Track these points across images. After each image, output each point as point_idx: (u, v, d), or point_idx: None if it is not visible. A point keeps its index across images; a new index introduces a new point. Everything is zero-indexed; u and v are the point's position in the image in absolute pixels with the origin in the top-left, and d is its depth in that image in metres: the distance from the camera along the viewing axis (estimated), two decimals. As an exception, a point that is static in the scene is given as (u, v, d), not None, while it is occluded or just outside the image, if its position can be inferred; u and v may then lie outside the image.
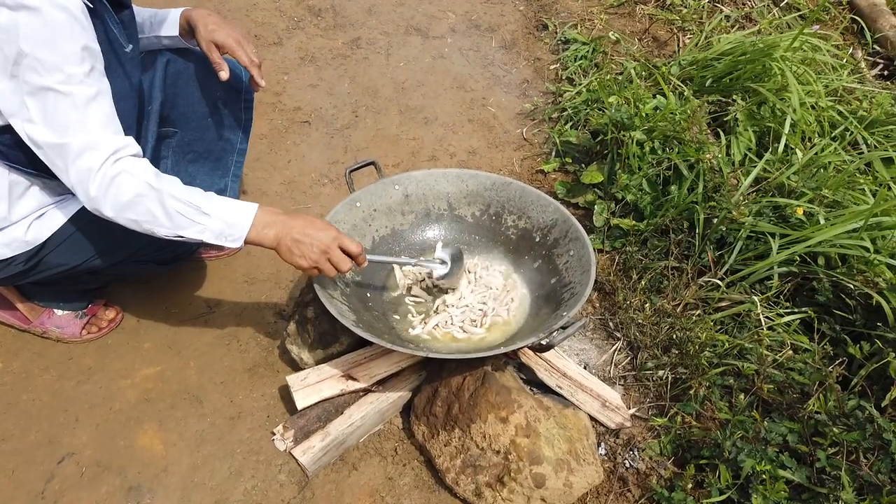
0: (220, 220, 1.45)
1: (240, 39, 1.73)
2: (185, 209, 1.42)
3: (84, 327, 1.97)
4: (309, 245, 1.49)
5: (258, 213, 1.49)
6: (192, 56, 1.84)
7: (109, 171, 1.36)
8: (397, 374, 1.81)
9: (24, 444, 1.75)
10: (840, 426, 1.57)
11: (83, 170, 1.35)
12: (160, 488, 1.68)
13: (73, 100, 1.31)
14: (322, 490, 1.69)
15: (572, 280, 1.73)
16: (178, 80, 1.86)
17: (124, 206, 1.39)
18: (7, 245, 1.59)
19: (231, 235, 1.47)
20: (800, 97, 2.35)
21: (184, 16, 1.75)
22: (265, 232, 1.49)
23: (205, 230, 1.45)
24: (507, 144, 2.82)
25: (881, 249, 1.91)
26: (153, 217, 1.41)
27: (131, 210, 1.39)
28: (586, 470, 1.63)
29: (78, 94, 1.31)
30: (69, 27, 1.27)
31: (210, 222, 1.44)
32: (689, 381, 1.82)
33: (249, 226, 1.47)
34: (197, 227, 1.44)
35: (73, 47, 1.28)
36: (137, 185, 1.38)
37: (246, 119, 2.01)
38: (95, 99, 1.35)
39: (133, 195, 1.38)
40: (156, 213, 1.40)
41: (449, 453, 1.65)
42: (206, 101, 1.93)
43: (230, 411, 1.85)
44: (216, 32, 1.70)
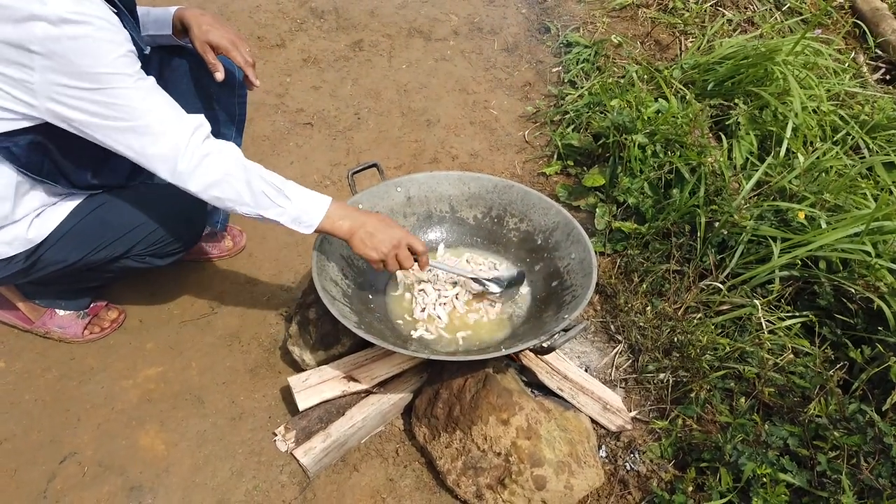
0: (299, 206, 1.53)
1: (234, 40, 1.74)
2: (270, 191, 1.49)
3: (86, 327, 1.98)
4: (381, 240, 1.59)
5: (332, 204, 1.58)
6: (186, 53, 1.85)
7: (199, 149, 1.43)
8: (399, 375, 1.81)
9: (26, 443, 1.76)
10: (841, 430, 1.57)
11: (170, 146, 1.41)
12: (161, 488, 1.68)
13: (136, 91, 1.37)
14: (323, 491, 1.69)
15: (574, 283, 1.74)
16: (172, 76, 1.86)
17: (212, 184, 1.45)
18: (9, 244, 1.60)
19: (306, 222, 1.55)
20: (801, 101, 2.35)
21: (177, 15, 1.76)
22: (339, 223, 1.58)
23: (283, 213, 1.52)
24: (509, 147, 2.83)
25: (882, 254, 1.92)
26: (239, 195, 1.47)
27: (218, 188, 1.46)
28: (587, 472, 1.64)
29: (139, 86, 1.38)
30: (111, 35, 1.33)
31: (290, 206, 1.52)
32: (690, 384, 1.83)
33: (324, 215, 1.55)
34: (277, 210, 1.51)
35: (121, 51, 1.34)
36: (228, 164, 1.45)
37: (240, 115, 2.02)
38: (155, 88, 1.43)
39: (223, 174, 1.45)
40: (241, 193, 1.47)
41: (450, 455, 1.66)
42: (201, 98, 1.93)
43: (232, 412, 1.85)
44: (210, 33, 1.71)
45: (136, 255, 1.78)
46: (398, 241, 1.61)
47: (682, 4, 3.36)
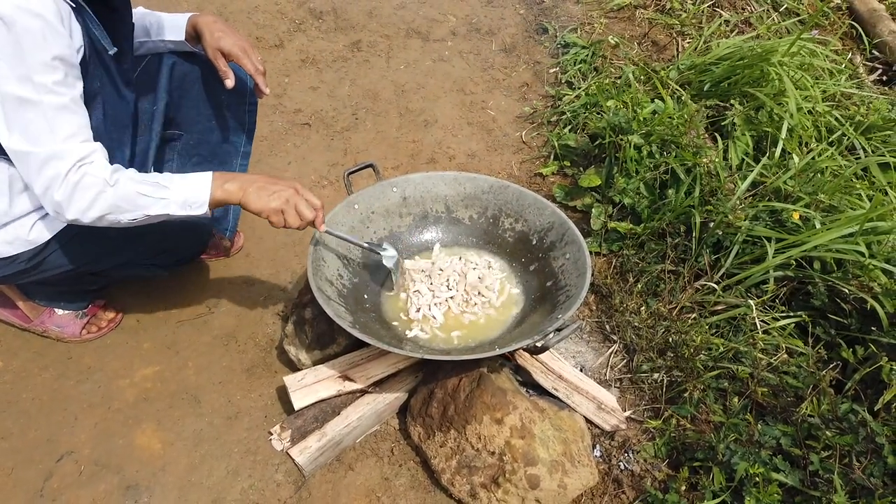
0: (181, 189, 1.48)
1: (245, 48, 1.75)
2: (145, 188, 1.45)
3: (84, 327, 1.99)
4: (275, 191, 1.54)
5: (214, 175, 1.53)
6: (198, 59, 1.86)
7: (73, 178, 1.38)
8: (394, 375, 1.82)
9: (23, 442, 1.77)
10: (833, 430, 1.58)
11: (48, 178, 1.37)
12: (158, 487, 1.69)
13: (42, 109, 1.32)
14: (318, 490, 1.70)
15: (568, 283, 1.75)
16: (183, 82, 1.88)
17: (86, 208, 1.41)
18: (9, 243, 1.61)
19: (196, 202, 1.50)
20: (797, 102, 2.36)
21: (190, 22, 1.77)
22: (227, 187, 1.53)
23: (168, 203, 1.48)
24: (506, 147, 2.84)
25: (876, 254, 1.92)
26: (116, 207, 1.43)
27: (94, 209, 1.42)
28: (581, 471, 1.65)
29: (47, 102, 1.33)
30: (41, 36, 1.28)
31: (171, 194, 1.48)
32: (684, 384, 1.83)
33: (209, 186, 1.50)
34: (160, 203, 1.47)
35: (44, 56, 1.30)
36: (97, 184, 1.40)
37: (250, 122, 2.03)
38: (66, 107, 1.36)
39: (94, 195, 1.40)
40: (117, 203, 1.43)
41: (444, 454, 1.67)
42: (211, 105, 1.95)
43: (228, 411, 1.86)
44: (222, 40, 1.72)
45: (139, 264, 1.79)
46: (293, 190, 1.57)
47: (680, 5, 3.36)
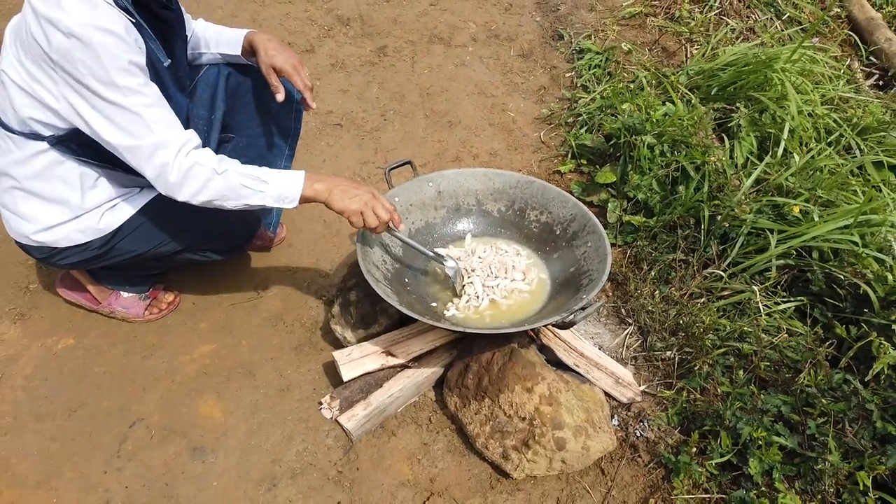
0: (277, 185, 1.68)
1: (296, 65, 1.92)
2: (248, 181, 1.65)
3: (146, 308, 2.18)
4: (356, 194, 1.74)
5: (307, 175, 1.72)
6: (251, 71, 2.04)
7: (183, 163, 1.58)
8: (431, 351, 2.01)
9: (98, 410, 1.96)
10: (828, 398, 1.76)
11: (159, 165, 1.57)
12: (221, 449, 1.89)
13: (133, 109, 1.51)
14: (365, 453, 1.89)
15: (590, 268, 1.93)
16: (237, 91, 2.07)
17: (198, 191, 1.62)
18: (82, 231, 1.81)
19: (288, 196, 1.69)
20: (798, 105, 2.54)
21: (246, 38, 1.95)
22: (316, 187, 1.71)
23: (266, 196, 1.67)
24: (526, 147, 3.03)
25: (869, 244, 2.11)
26: (222, 195, 1.64)
27: (203, 193, 1.62)
28: (602, 437, 1.83)
29: (136, 103, 1.52)
30: (115, 47, 1.45)
31: (269, 188, 1.67)
32: (694, 360, 2.02)
33: (302, 185, 1.69)
34: (259, 195, 1.66)
35: (121, 63, 1.47)
36: (207, 172, 1.61)
37: (295, 128, 2.22)
38: (154, 104, 1.56)
39: (204, 181, 1.61)
40: (223, 191, 1.63)
41: (479, 421, 1.85)
42: (262, 112, 2.14)
43: (280, 384, 2.05)
44: (276, 58, 1.90)
45: (197, 250, 1.98)
46: (371, 194, 1.76)
47: (688, 14, 3.55)
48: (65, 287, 2.17)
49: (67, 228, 1.80)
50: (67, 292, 2.18)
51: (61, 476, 1.81)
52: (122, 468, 1.83)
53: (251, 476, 1.83)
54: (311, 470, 1.85)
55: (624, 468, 1.88)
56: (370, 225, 1.77)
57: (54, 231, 1.79)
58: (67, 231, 1.80)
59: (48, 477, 1.80)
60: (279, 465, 1.85)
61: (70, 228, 1.80)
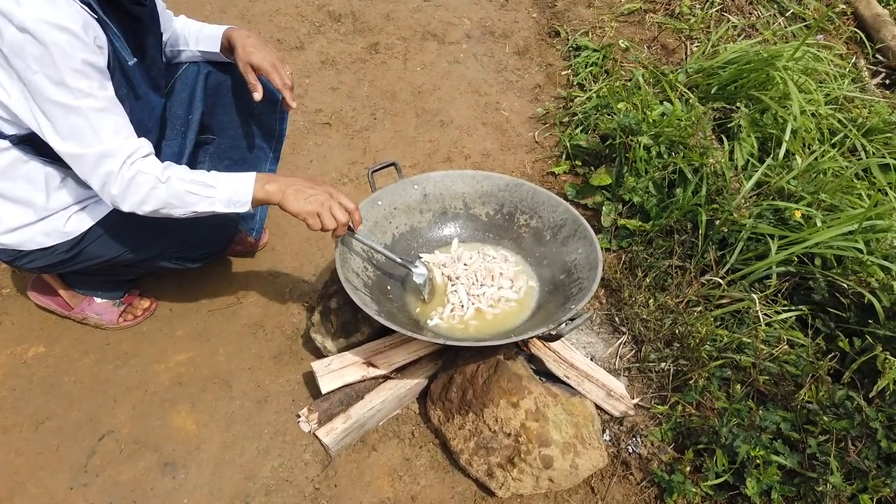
0: (226, 188, 1.58)
1: (275, 63, 1.83)
2: (193, 187, 1.56)
3: (121, 315, 2.10)
4: (311, 194, 1.62)
5: (257, 176, 1.62)
6: (231, 69, 1.96)
7: (126, 173, 1.49)
8: (415, 362, 1.92)
9: (66, 422, 1.88)
10: (830, 415, 1.68)
11: (103, 174, 1.49)
12: (193, 464, 1.80)
13: (82, 113, 1.42)
14: (344, 469, 1.81)
15: (580, 276, 1.85)
16: (217, 91, 1.99)
17: (141, 202, 1.53)
18: (47, 234, 1.72)
19: (239, 200, 1.60)
20: (800, 105, 2.45)
21: (225, 35, 1.87)
22: (268, 188, 1.62)
23: (214, 201, 1.58)
24: (520, 147, 2.94)
25: (874, 251, 2.02)
26: (167, 203, 1.55)
27: (147, 203, 1.54)
28: (591, 453, 1.75)
29: (86, 107, 1.42)
30: (69, 46, 1.36)
31: (217, 193, 1.58)
32: (690, 372, 1.93)
33: (252, 186, 1.60)
34: (207, 201, 1.57)
35: (75, 64, 1.38)
36: (150, 181, 1.51)
37: (279, 130, 2.13)
38: (105, 109, 1.46)
39: (147, 189, 1.52)
40: (168, 200, 1.54)
41: (463, 436, 1.77)
42: (243, 113, 2.05)
43: (257, 395, 1.97)
44: (253, 55, 1.81)
45: (170, 257, 1.90)
46: (329, 194, 1.64)
47: (689, 10, 3.45)
48: (36, 291, 2.09)
49: (32, 231, 1.71)
50: (39, 297, 2.10)
51: (25, 492, 1.73)
52: (88, 484, 1.75)
53: (224, 493, 1.75)
54: (286, 486, 1.76)
55: (615, 487, 1.79)
56: (328, 227, 1.64)
57: (18, 233, 1.71)
58: (32, 233, 1.71)
59: (11, 493, 1.72)
60: (253, 482, 1.77)
61: (35, 231, 1.71)
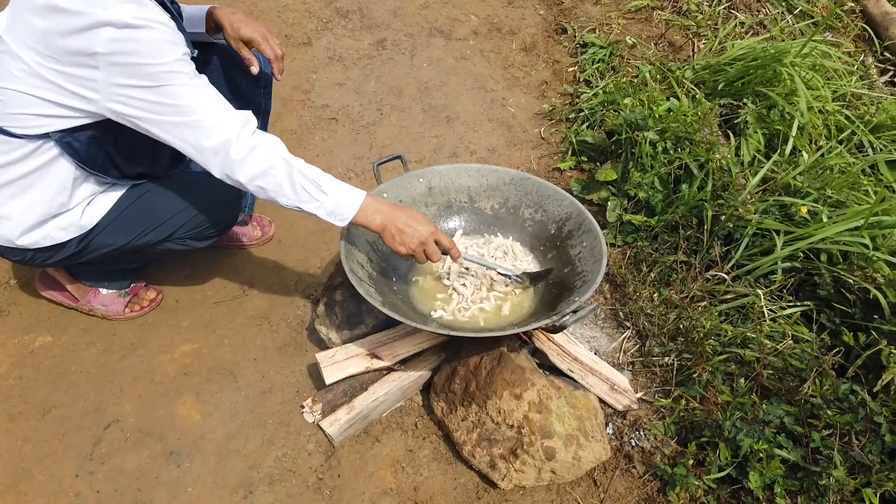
0: (335, 200, 1.63)
1: (265, 33, 1.86)
2: (309, 185, 1.59)
3: (127, 305, 2.12)
4: (410, 235, 1.70)
5: (367, 199, 1.67)
6: (216, 48, 1.98)
7: (248, 141, 1.54)
8: (418, 354, 1.93)
9: (72, 411, 1.90)
10: (834, 409, 1.67)
11: (222, 139, 1.52)
12: (198, 454, 1.82)
13: (192, 88, 1.50)
14: (347, 459, 1.81)
15: (585, 269, 1.85)
16: (203, 71, 1.97)
17: (258, 175, 1.56)
18: (64, 229, 1.74)
19: (341, 215, 1.65)
20: (808, 101, 2.44)
21: (210, 15, 1.89)
22: (372, 217, 1.68)
23: (321, 207, 1.62)
24: (526, 143, 2.94)
25: (880, 247, 2.01)
26: (280, 188, 1.58)
27: (263, 179, 1.57)
28: (594, 446, 1.75)
29: (194, 84, 1.50)
30: (172, 37, 1.47)
31: (326, 200, 1.62)
32: (694, 367, 1.93)
33: (358, 209, 1.65)
34: (315, 203, 1.61)
35: (179, 53, 1.47)
36: (273, 158, 1.56)
37: (265, 105, 2.15)
38: (207, 85, 1.54)
39: (267, 166, 1.56)
40: (283, 185, 1.58)
41: (466, 427, 1.77)
42: (229, 90, 2.05)
43: (262, 386, 1.98)
44: (242, 30, 1.84)
45: (177, 238, 1.91)
46: (425, 238, 1.71)
47: (696, 7, 3.45)
48: (43, 284, 2.11)
49: (49, 227, 1.73)
50: (46, 290, 2.11)
51: (31, 479, 1.74)
52: (94, 472, 1.77)
53: (227, 482, 1.76)
54: (289, 476, 1.77)
55: (617, 479, 1.79)
56: (420, 263, 1.78)
57: (36, 232, 1.72)
58: (49, 230, 1.73)
59: (18, 480, 1.74)
60: (257, 471, 1.78)
61: (52, 227, 1.73)
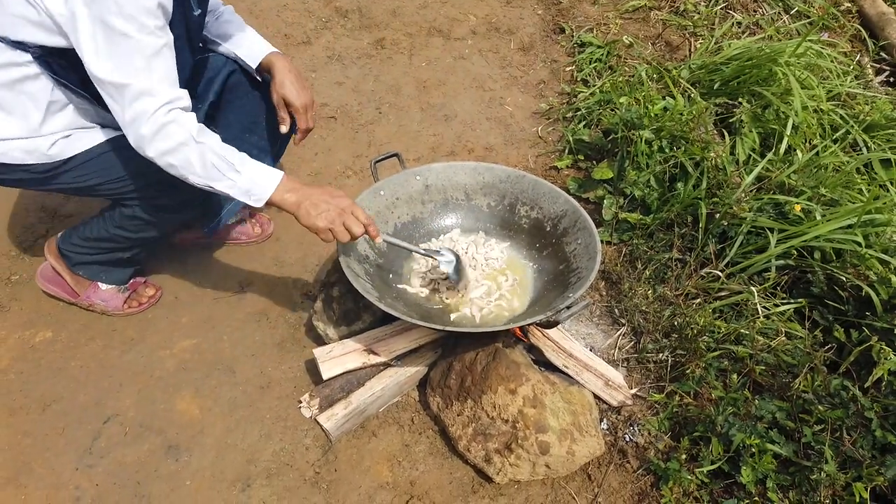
0: (249, 179, 1.59)
1: (307, 105, 1.89)
2: (220, 164, 1.56)
3: (126, 301, 2.13)
4: (326, 209, 1.63)
5: (283, 179, 1.63)
6: (253, 77, 1.99)
7: (161, 118, 1.50)
8: (415, 350, 1.95)
9: (72, 405, 1.92)
10: (825, 405, 1.69)
11: (139, 112, 1.49)
12: (197, 448, 1.83)
13: (141, 47, 1.44)
14: (344, 454, 1.83)
15: (579, 266, 1.86)
16: (235, 90, 2.00)
17: (167, 152, 1.53)
18: (28, 152, 1.68)
19: (256, 195, 1.61)
20: (802, 101, 2.46)
21: (267, 58, 1.89)
22: (287, 196, 1.63)
23: (234, 186, 1.59)
24: (523, 142, 2.96)
25: (873, 245, 2.03)
26: (190, 164, 1.55)
27: (172, 155, 1.53)
28: (588, 441, 1.77)
29: (147, 43, 1.45)
30: None
31: (240, 179, 1.58)
32: (687, 363, 1.94)
33: (274, 188, 1.61)
34: (227, 182, 1.58)
35: (150, 2, 1.42)
36: (183, 134, 1.52)
37: (278, 151, 2.18)
38: (161, 51, 1.49)
39: (177, 143, 1.52)
40: (193, 162, 1.55)
41: (461, 422, 1.79)
42: (250, 120, 2.07)
43: (260, 381, 2.00)
44: (290, 93, 1.87)
45: (148, 199, 1.84)
46: (342, 209, 1.65)
47: (693, 7, 3.46)
48: (44, 279, 2.13)
49: (13, 145, 1.67)
50: (46, 284, 2.13)
51: (31, 472, 1.76)
52: (93, 465, 1.78)
53: (225, 476, 1.78)
54: (287, 470, 1.79)
55: (611, 474, 1.81)
56: (341, 240, 1.68)
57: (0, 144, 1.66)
58: (11, 147, 1.67)
59: (17, 473, 1.76)
60: (255, 465, 1.80)
61: (15, 146, 1.67)
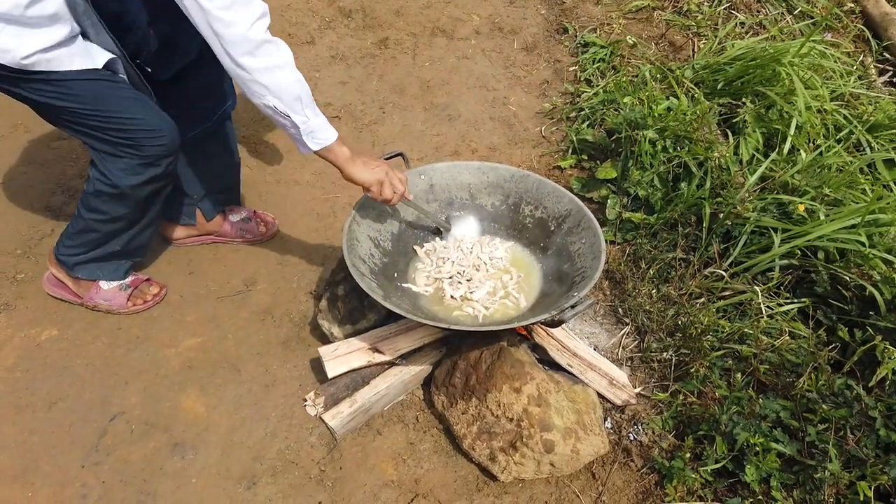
0: (320, 122, 1.67)
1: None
2: (305, 98, 1.62)
3: (129, 299, 2.14)
4: (376, 166, 1.80)
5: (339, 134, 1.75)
6: None
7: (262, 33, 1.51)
8: (420, 349, 1.95)
9: (78, 403, 1.92)
10: (829, 404, 1.69)
11: (246, 16, 1.48)
12: (202, 445, 1.84)
13: None
14: (349, 452, 1.84)
15: (584, 265, 1.87)
16: None
17: (266, 68, 1.54)
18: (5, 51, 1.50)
19: (319, 139, 1.69)
20: (806, 101, 2.46)
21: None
22: (342, 149, 1.74)
23: (306, 122, 1.64)
24: (527, 141, 2.96)
25: (877, 244, 2.03)
26: (280, 88, 1.57)
27: (268, 76, 1.55)
28: (593, 440, 1.77)
29: None
30: None
31: (313, 118, 1.65)
32: (691, 362, 1.95)
33: (336, 137, 1.72)
34: (300, 117, 1.63)
35: None
36: (285, 58, 1.57)
37: None
38: None
39: (281, 63, 1.57)
40: (282, 87, 1.57)
41: (466, 421, 1.80)
42: None
43: (266, 379, 2.00)
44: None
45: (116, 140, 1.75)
46: (388, 168, 1.83)
47: (697, 7, 3.47)
48: (49, 283, 2.14)
49: None
50: (52, 287, 2.14)
51: (38, 470, 1.77)
52: (100, 463, 1.79)
53: (231, 473, 1.78)
54: (292, 468, 1.80)
55: (616, 473, 1.82)
56: (386, 195, 1.81)
57: None
58: None
59: (25, 470, 1.77)
60: (260, 463, 1.80)
61: None
